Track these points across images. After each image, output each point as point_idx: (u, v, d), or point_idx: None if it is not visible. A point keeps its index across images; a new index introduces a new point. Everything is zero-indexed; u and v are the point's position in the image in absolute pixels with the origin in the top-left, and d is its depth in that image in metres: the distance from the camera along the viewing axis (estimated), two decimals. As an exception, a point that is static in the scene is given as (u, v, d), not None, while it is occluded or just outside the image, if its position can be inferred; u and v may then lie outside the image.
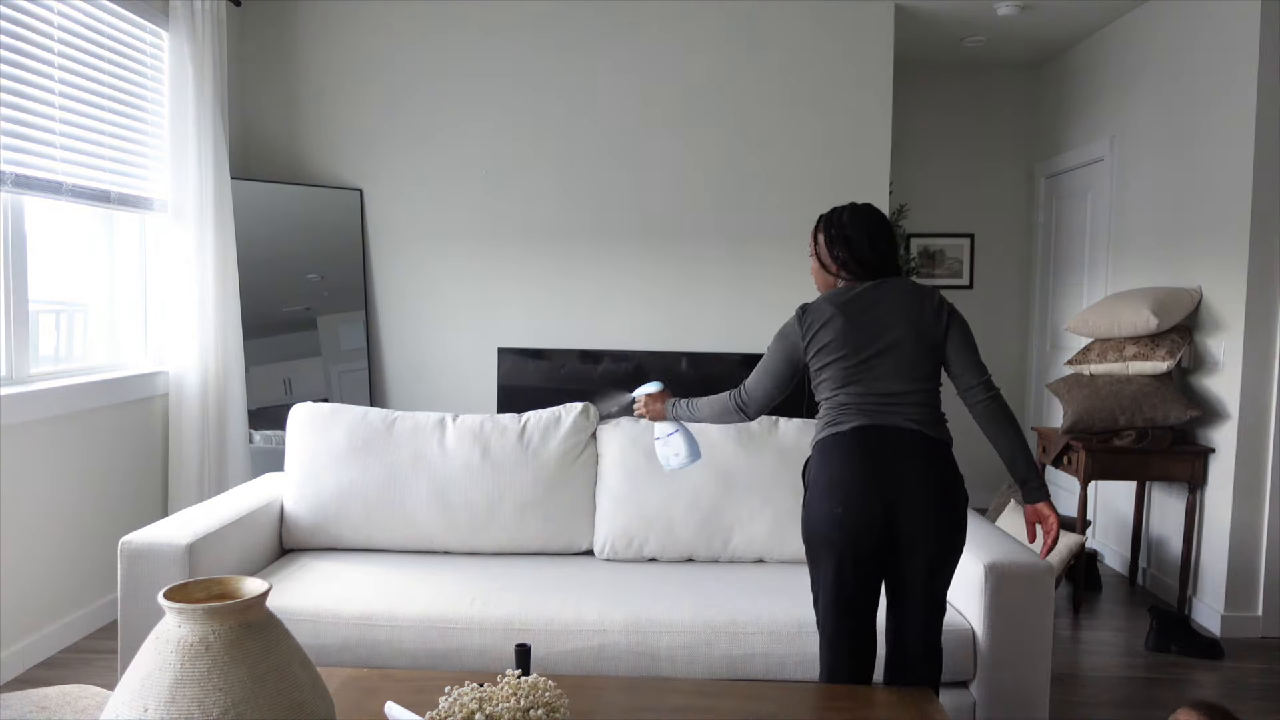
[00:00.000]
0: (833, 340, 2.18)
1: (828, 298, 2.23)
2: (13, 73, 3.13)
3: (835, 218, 2.29)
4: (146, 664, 1.32)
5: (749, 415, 2.34)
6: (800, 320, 2.23)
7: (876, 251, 2.25)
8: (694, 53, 4.75)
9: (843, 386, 2.18)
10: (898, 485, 2.10)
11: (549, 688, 1.70)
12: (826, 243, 2.28)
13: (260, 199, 4.55)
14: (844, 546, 2.11)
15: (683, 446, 2.50)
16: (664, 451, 2.51)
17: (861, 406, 2.16)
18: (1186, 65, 4.21)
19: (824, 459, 2.17)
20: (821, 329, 2.19)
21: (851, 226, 2.26)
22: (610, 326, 4.85)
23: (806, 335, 2.21)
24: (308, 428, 2.99)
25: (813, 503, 2.17)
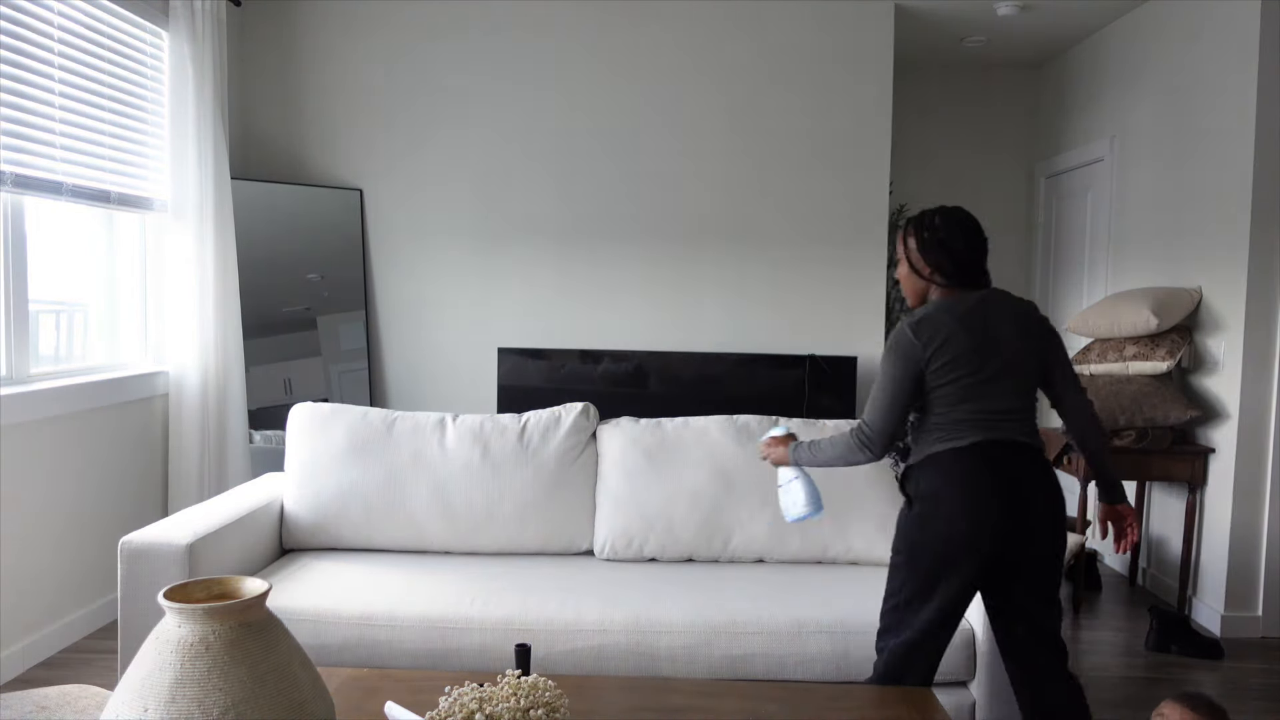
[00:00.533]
0: (957, 356, 2.11)
1: (942, 308, 2.15)
2: (13, 73, 3.13)
3: (927, 220, 2.21)
4: (146, 664, 1.32)
5: (875, 453, 2.19)
6: (917, 334, 2.13)
7: (975, 256, 2.19)
8: (694, 53, 4.75)
9: (960, 403, 2.11)
10: (1026, 501, 2.09)
11: (549, 688, 1.70)
12: (919, 247, 2.20)
13: (260, 199, 4.55)
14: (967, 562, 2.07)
15: (802, 495, 2.36)
16: (784, 500, 2.39)
17: (977, 422, 2.11)
18: (1186, 65, 4.21)
19: (945, 474, 2.10)
20: (944, 343, 2.11)
21: (946, 230, 2.19)
22: (610, 326, 4.85)
23: (928, 349, 2.12)
24: (308, 428, 2.99)
25: (933, 517, 2.10)
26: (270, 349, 4.55)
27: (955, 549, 2.08)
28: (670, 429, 3.01)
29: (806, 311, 4.82)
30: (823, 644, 2.42)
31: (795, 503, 2.37)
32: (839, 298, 4.81)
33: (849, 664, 2.42)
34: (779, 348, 4.84)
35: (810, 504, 2.36)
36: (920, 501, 2.14)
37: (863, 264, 4.79)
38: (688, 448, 2.96)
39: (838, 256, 4.79)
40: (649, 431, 3.00)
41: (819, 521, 2.87)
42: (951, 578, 2.10)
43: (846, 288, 4.81)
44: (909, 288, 2.27)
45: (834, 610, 2.49)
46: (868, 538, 2.88)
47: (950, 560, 2.09)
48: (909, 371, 2.14)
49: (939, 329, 2.12)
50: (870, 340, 4.82)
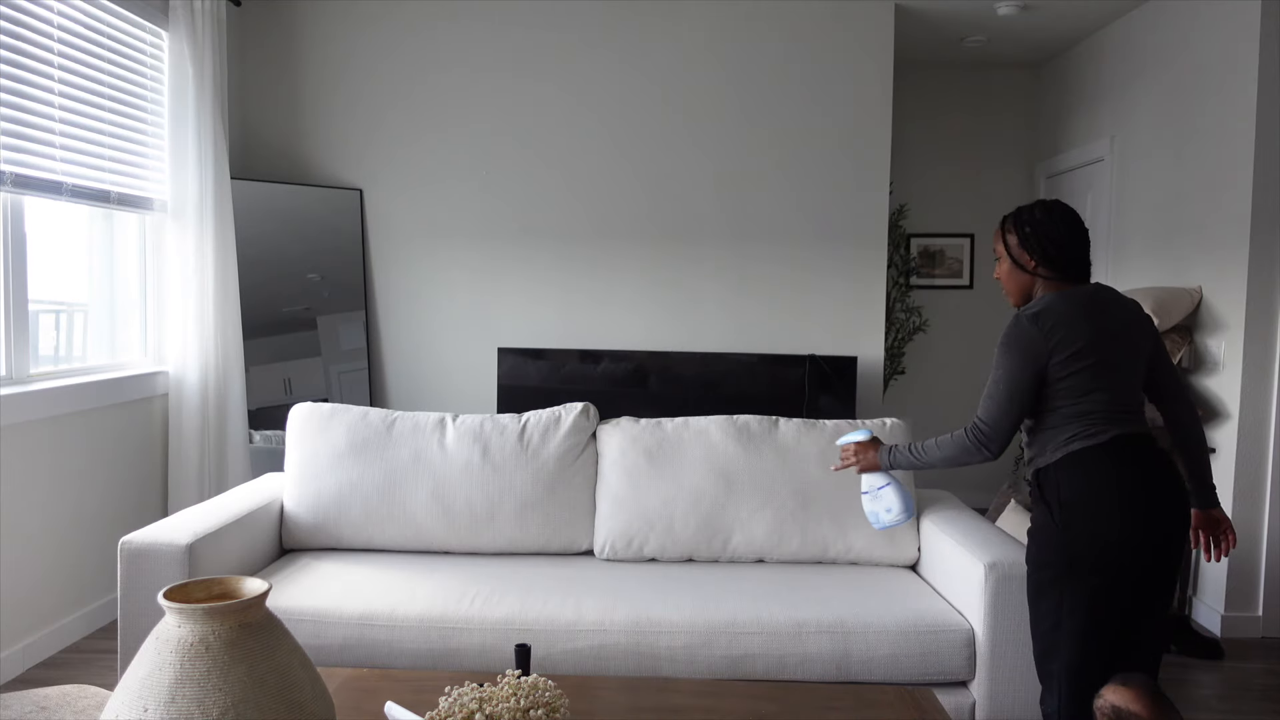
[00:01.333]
0: (1083, 346, 2.05)
1: (1060, 299, 2.10)
2: (13, 73, 3.13)
3: (1027, 215, 2.17)
4: (146, 664, 1.32)
5: (992, 453, 2.12)
6: (1039, 325, 2.06)
7: (1079, 247, 2.15)
8: (694, 52, 4.75)
9: (1087, 394, 2.05)
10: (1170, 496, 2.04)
11: (549, 688, 1.70)
12: (1021, 242, 2.16)
13: (260, 199, 4.55)
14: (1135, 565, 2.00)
15: (896, 500, 2.32)
16: (873, 507, 2.34)
17: (1110, 415, 2.05)
18: (1186, 65, 4.21)
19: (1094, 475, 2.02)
20: (1066, 332, 2.05)
21: (1049, 223, 2.15)
22: (610, 326, 4.85)
23: (1051, 339, 2.05)
24: (307, 428, 2.99)
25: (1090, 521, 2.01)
26: (270, 349, 4.55)
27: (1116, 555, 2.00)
28: (670, 429, 3.01)
29: (806, 311, 4.82)
30: (823, 644, 2.42)
31: (889, 509, 2.33)
32: (839, 298, 4.81)
33: (849, 664, 2.42)
34: (779, 348, 4.84)
35: (905, 509, 2.32)
36: (1066, 509, 2.05)
37: (863, 264, 4.79)
38: (688, 448, 2.96)
39: (838, 256, 4.79)
40: (649, 431, 3.00)
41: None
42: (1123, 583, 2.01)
43: (847, 288, 4.81)
44: (1013, 285, 2.22)
45: (834, 610, 2.49)
46: (868, 538, 2.88)
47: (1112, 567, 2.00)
48: (1032, 365, 2.07)
49: (1061, 318, 2.06)
50: (870, 340, 4.82)
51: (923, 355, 6.04)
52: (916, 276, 5.98)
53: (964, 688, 2.48)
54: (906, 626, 2.45)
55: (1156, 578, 2.06)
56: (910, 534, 2.89)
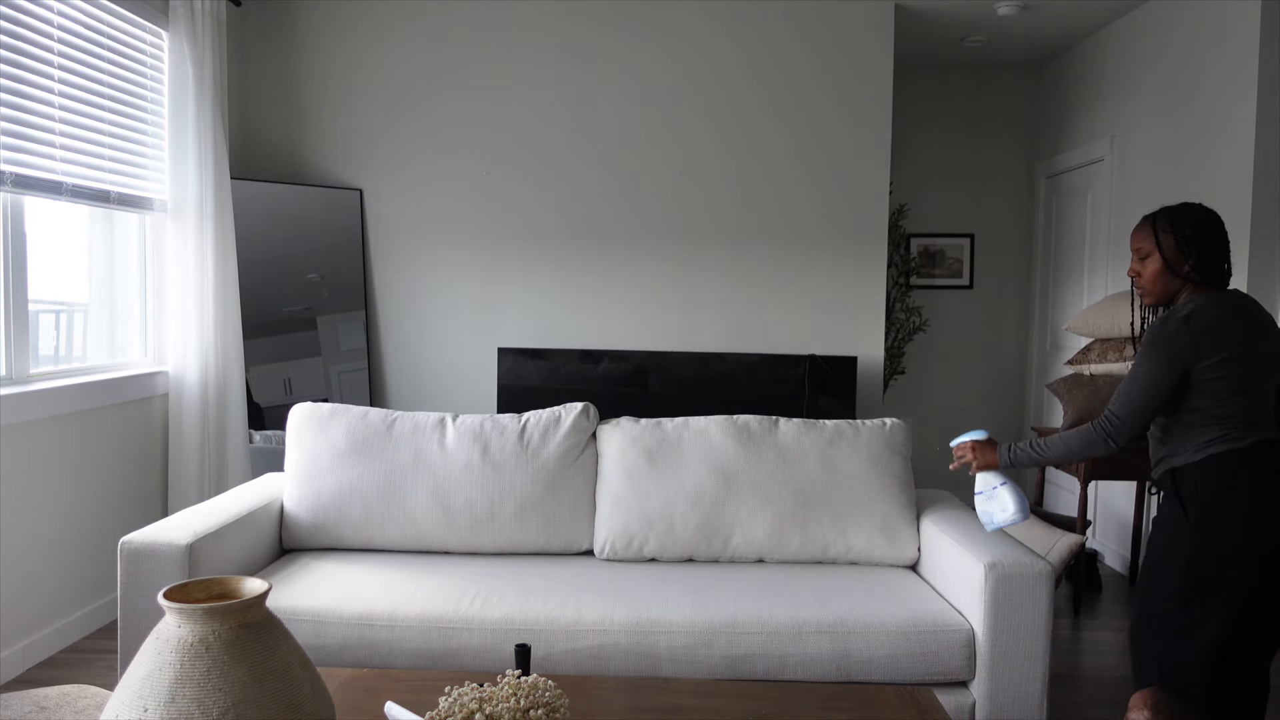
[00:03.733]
0: (1232, 352, 2.06)
1: (1210, 304, 2.10)
2: (13, 73, 3.13)
3: (1187, 217, 2.15)
4: (146, 664, 1.32)
5: (1119, 445, 2.15)
6: (1190, 328, 2.07)
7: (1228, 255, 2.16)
8: (694, 53, 4.75)
9: (1230, 398, 2.06)
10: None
11: (549, 688, 1.70)
12: (1180, 245, 2.14)
13: (260, 199, 4.55)
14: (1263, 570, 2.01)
15: (1012, 500, 2.32)
16: (988, 507, 2.33)
17: (1250, 420, 2.06)
18: (1186, 65, 4.21)
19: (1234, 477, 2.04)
20: (1217, 336, 2.06)
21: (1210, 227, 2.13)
22: (610, 326, 4.85)
23: (1200, 344, 2.06)
24: (308, 428, 2.99)
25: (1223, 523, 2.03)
26: (270, 349, 4.55)
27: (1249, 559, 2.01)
28: (670, 429, 3.01)
29: (806, 311, 4.82)
30: (823, 644, 2.42)
31: (1004, 509, 2.33)
32: (839, 297, 4.81)
33: (849, 664, 2.42)
34: (779, 348, 4.84)
35: (1020, 509, 2.32)
36: (1202, 509, 2.06)
37: (863, 264, 4.79)
38: (688, 448, 2.96)
39: (838, 256, 4.79)
40: (649, 431, 3.00)
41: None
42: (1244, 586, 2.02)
43: (847, 287, 4.81)
44: (1159, 286, 2.20)
45: (834, 610, 2.49)
46: (868, 538, 2.87)
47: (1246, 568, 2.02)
48: (1178, 367, 2.08)
49: (1213, 322, 2.07)
50: (870, 340, 4.82)
51: (923, 355, 6.04)
52: (916, 276, 5.98)
53: (964, 688, 2.48)
54: (906, 626, 2.45)
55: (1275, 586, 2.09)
56: (910, 534, 2.89)
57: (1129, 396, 2.13)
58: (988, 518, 2.37)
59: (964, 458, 2.43)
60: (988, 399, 6.06)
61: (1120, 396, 2.14)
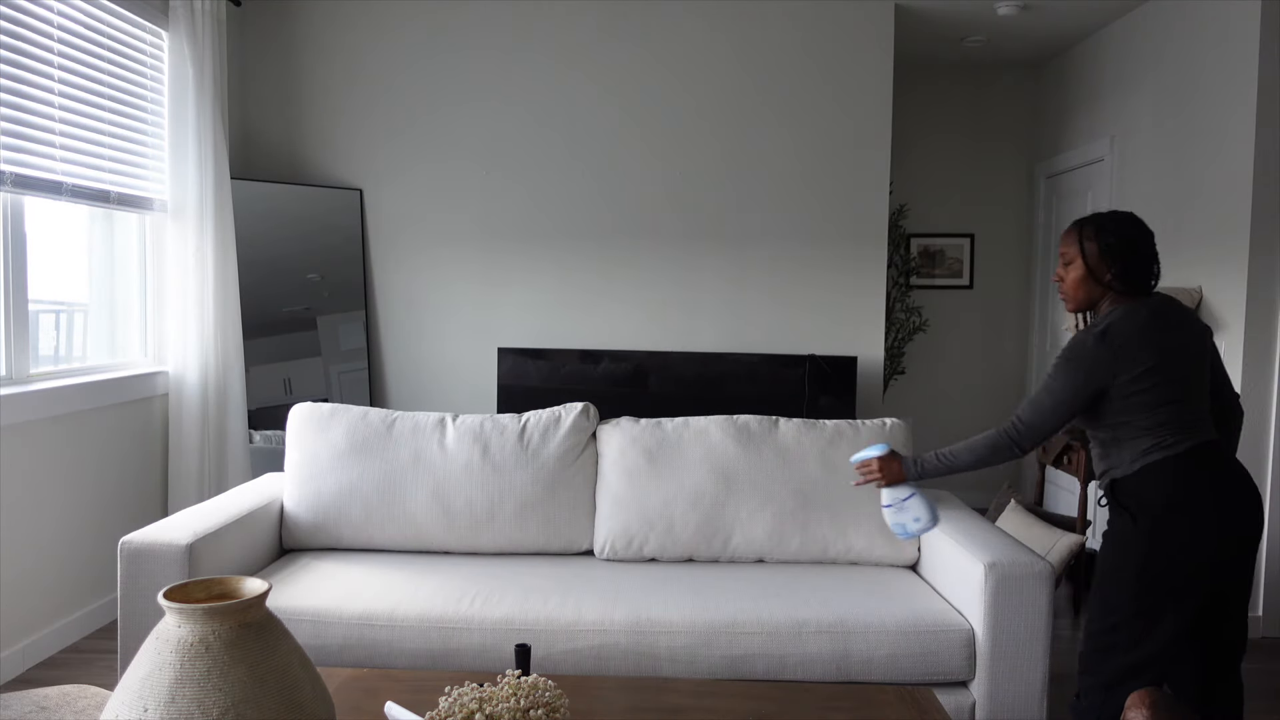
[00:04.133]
0: (1152, 363, 2.07)
1: (1127, 316, 2.11)
2: (13, 73, 3.13)
3: (1112, 225, 2.16)
4: (146, 664, 1.32)
5: (1023, 451, 2.19)
6: (1106, 344, 2.09)
7: (1154, 264, 2.16)
8: (694, 53, 4.75)
9: (1160, 407, 2.07)
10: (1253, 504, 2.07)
11: (549, 688, 1.70)
12: (1103, 253, 2.15)
13: (260, 199, 4.55)
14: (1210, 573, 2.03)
15: (924, 510, 2.34)
16: (899, 519, 2.35)
17: (1183, 426, 2.08)
18: (1186, 65, 4.21)
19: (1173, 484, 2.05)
20: (1135, 351, 2.08)
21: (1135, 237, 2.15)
22: (610, 326, 4.85)
23: (1119, 358, 2.08)
24: (308, 428, 2.99)
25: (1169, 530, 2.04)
26: (270, 349, 4.55)
27: (1194, 562, 2.02)
28: (670, 429, 3.01)
29: (806, 311, 4.82)
30: (823, 644, 2.42)
31: (917, 519, 2.34)
32: (839, 298, 4.81)
33: (849, 664, 2.42)
34: (779, 348, 4.84)
35: (932, 516, 2.34)
36: (1148, 516, 2.07)
37: (863, 264, 4.79)
38: (688, 448, 2.96)
39: (838, 256, 4.79)
40: (649, 431, 3.00)
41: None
42: (1194, 592, 2.03)
43: (847, 288, 4.81)
44: (1081, 292, 2.21)
45: (834, 610, 2.49)
46: (868, 538, 2.88)
47: (1194, 573, 2.03)
48: (1092, 384, 2.10)
49: (1129, 338, 2.09)
50: (870, 340, 4.82)
51: (923, 355, 6.04)
52: (916, 276, 5.98)
53: (964, 688, 2.48)
54: (906, 626, 2.45)
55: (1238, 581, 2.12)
56: (910, 534, 2.89)
57: (1038, 406, 2.15)
58: (900, 529, 2.37)
59: (869, 475, 2.40)
60: (988, 399, 6.06)
61: (1030, 404, 2.17)
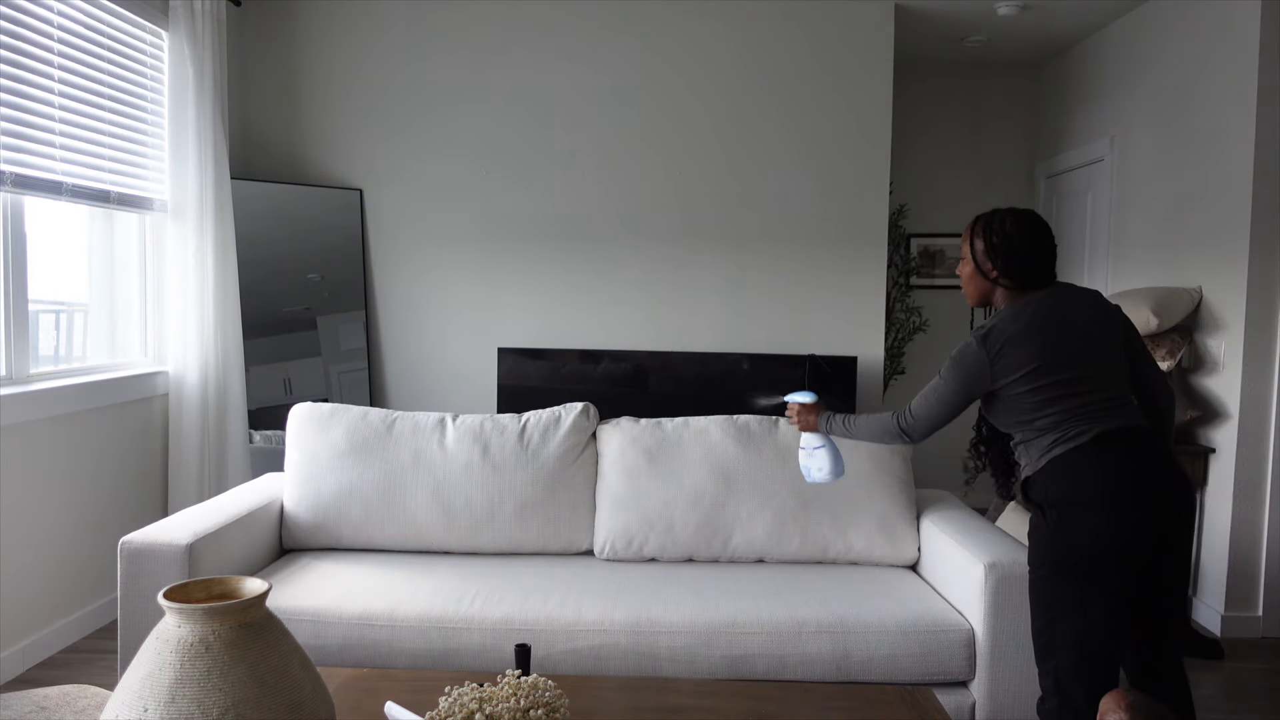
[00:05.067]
0: (1037, 364, 2.08)
1: (1009, 318, 2.13)
2: (13, 73, 3.13)
3: (998, 226, 2.19)
4: (146, 664, 1.32)
5: (913, 440, 2.28)
6: (985, 347, 2.12)
7: (1045, 261, 2.18)
8: (693, 52, 4.74)
9: (1056, 402, 2.08)
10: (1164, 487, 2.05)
11: (549, 688, 1.70)
12: (987, 250, 2.19)
13: (260, 199, 4.55)
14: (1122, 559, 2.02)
15: (827, 461, 2.48)
16: (807, 463, 2.51)
17: (1088, 414, 2.07)
18: (1186, 65, 4.21)
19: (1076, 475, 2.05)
20: (1015, 354, 2.09)
21: (1018, 234, 2.17)
22: (610, 326, 4.85)
23: (997, 363, 2.11)
24: (307, 428, 2.99)
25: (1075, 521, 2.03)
26: (270, 349, 4.55)
27: (1105, 551, 2.01)
28: (670, 429, 3.01)
29: (806, 311, 4.82)
30: (823, 644, 2.42)
31: (820, 468, 2.49)
32: (839, 298, 4.81)
33: (849, 664, 2.42)
34: (779, 348, 4.84)
35: (834, 470, 2.48)
36: (1055, 509, 2.07)
37: (863, 263, 4.79)
38: (688, 448, 2.96)
39: (838, 256, 4.79)
40: (649, 431, 3.00)
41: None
42: (1108, 580, 2.02)
43: (847, 288, 4.81)
44: (972, 288, 2.26)
45: (834, 610, 2.49)
46: (868, 538, 2.88)
47: (1103, 563, 2.02)
48: (966, 384, 2.16)
49: (1010, 340, 2.11)
50: (870, 340, 4.82)
51: (923, 355, 6.04)
52: (916, 276, 5.98)
53: (964, 688, 2.48)
54: (906, 626, 2.45)
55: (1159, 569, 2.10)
56: (910, 534, 2.89)
57: (926, 401, 2.22)
58: (806, 472, 2.54)
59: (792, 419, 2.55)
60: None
61: (920, 397, 2.23)
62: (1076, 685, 2.06)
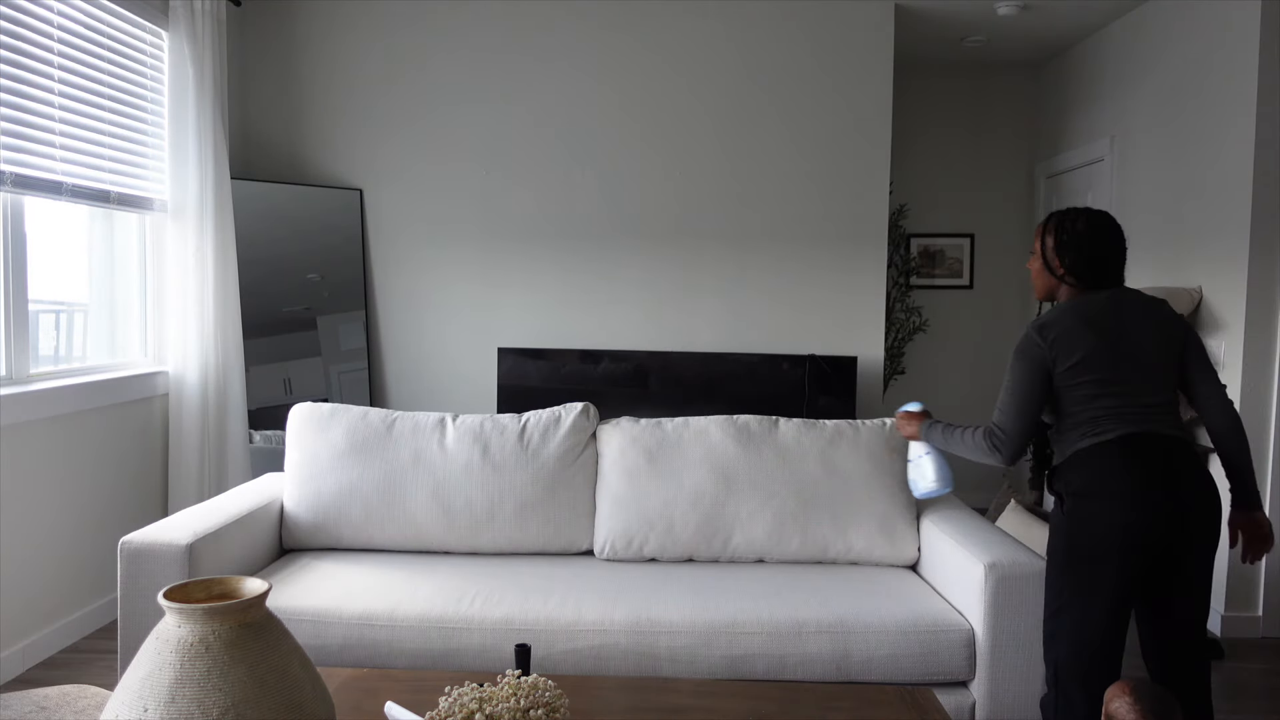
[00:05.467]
0: (1086, 356, 2.15)
1: (1067, 310, 2.20)
2: (13, 73, 3.13)
3: (1069, 224, 2.24)
4: (146, 664, 1.32)
5: (1005, 456, 2.22)
6: (1042, 336, 2.18)
7: (1112, 261, 2.23)
8: (694, 52, 4.75)
9: (1095, 400, 2.15)
10: (1178, 492, 2.10)
11: (549, 688, 1.70)
12: (1056, 247, 2.25)
13: (260, 199, 4.55)
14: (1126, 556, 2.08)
15: (931, 471, 2.45)
16: (913, 475, 2.48)
17: (1119, 417, 2.14)
18: (1186, 65, 4.21)
19: (1093, 470, 2.12)
20: (1071, 344, 2.16)
21: (1088, 233, 2.22)
22: (610, 326, 4.85)
23: (1053, 350, 2.17)
24: (307, 428, 2.99)
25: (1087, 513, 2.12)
26: (270, 349, 4.55)
27: (1112, 544, 2.09)
28: (670, 429, 3.01)
29: (806, 311, 4.82)
30: (823, 644, 2.42)
31: (925, 477, 2.46)
32: (839, 298, 4.81)
33: (849, 664, 2.42)
34: (779, 348, 4.84)
35: (938, 480, 2.44)
36: (1072, 499, 2.16)
37: (863, 264, 4.79)
38: (688, 448, 2.96)
39: (838, 256, 4.79)
40: (649, 431, 3.00)
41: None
42: (1111, 574, 2.10)
43: (847, 288, 4.81)
44: (1040, 283, 2.32)
45: (834, 610, 2.49)
46: (868, 538, 2.88)
47: (1108, 556, 2.09)
48: (1036, 374, 2.18)
49: (1065, 331, 2.17)
50: (870, 340, 4.82)
51: (923, 355, 6.04)
52: (916, 276, 5.98)
53: (964, 688, 2.48)
54: (906, 626, 2.45)
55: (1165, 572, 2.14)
56: (910, 534, 2.89)
57: (1004, 408, 2.22)
58: (913, 484, 2.51)
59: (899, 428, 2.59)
60: (987, 399, 6.06)
61: (998, 410, 2.24)
62: (1073, 678, 2.14)
